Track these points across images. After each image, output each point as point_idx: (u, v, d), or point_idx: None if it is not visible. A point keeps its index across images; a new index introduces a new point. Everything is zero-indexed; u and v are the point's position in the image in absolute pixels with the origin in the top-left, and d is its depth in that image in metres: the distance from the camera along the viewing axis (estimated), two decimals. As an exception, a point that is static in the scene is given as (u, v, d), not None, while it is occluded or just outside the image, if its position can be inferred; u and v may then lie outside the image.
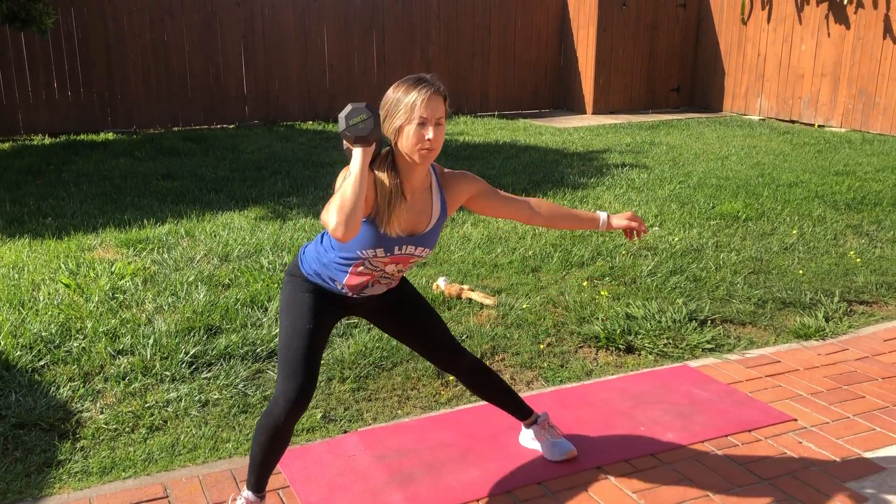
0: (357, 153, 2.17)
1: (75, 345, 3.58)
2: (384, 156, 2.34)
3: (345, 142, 2.23)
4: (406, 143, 2.26)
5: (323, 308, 2.45)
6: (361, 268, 2.39)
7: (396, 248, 2.36)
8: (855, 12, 10.01)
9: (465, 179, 2.51)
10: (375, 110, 2.19)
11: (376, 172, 2.30)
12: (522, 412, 2.87)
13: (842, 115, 10.37)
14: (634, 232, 2.68)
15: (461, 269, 4.65)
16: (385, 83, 10.38)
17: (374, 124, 2.16)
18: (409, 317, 2.65)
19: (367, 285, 2.45)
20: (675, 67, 12.29)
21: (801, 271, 4.75)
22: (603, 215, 2.68)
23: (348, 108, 2.17)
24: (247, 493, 2.47)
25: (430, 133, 2.23)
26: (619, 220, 2.67)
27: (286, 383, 2.34)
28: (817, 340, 3.94)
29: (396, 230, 2.33)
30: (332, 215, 2.12)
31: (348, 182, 2.15)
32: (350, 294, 2.47)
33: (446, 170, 2.51)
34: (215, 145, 8.67)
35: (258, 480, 2.46)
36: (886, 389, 3.41)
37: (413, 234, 2.38)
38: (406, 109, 2.23)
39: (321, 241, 2.47)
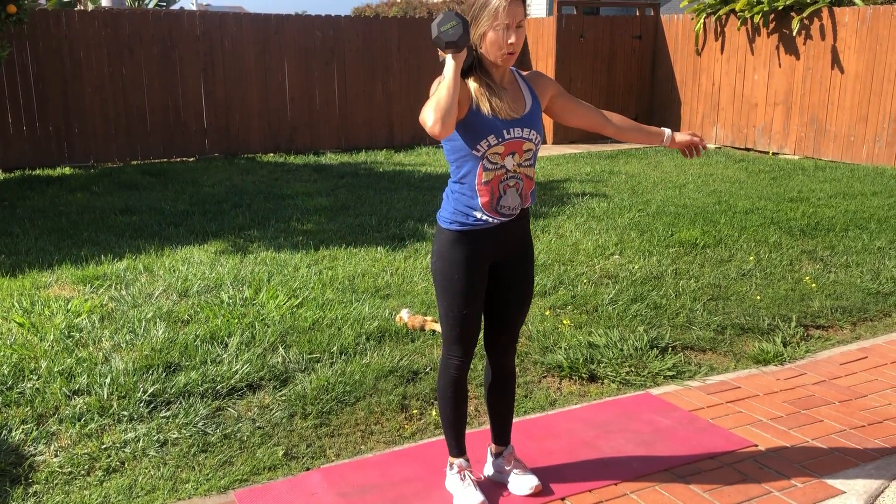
0: (449, 58, 2.36)
1: (29, 386, 3.49)
2: (472, 67, 2.51)
3: (440, 54, 2.42)
4: (490, 48, 2.46)
5: (474, 280, 2.61)
6: (485, 172, 2.52)
7: (505, 131, 2.50)
8: (804, 43, 10.32)
9: (545, 78, 2.72)
10: (464, 18, 2.35)
11: (468, 81, 2.51)
12: (504, 437, 2.90)
13: (795, 142, 10.64)
14: (694, 150, 2.88)
15: (424, 301, 4.64)
16: (347, 115, 10.39)
17: (462, 31, 2.33)
18: (517, 283, 2.73)
19: (500, 194, 2.55)
20: (633, 97, 12.52)
21: (758, 297, 4.83)
22: (667, 132, 2.87)
23: (440, 16, 2.35)
24: (458, 462, 2.76)
25: (512, 37, 2.43)
26: (682, 137, 2.87)
27: (452, 347, 2.66)
28: (776, 365, 3.99)
29: (496, 108, 2.48)
30: (430, 113, 2.33)
31: (443, 84, 2.35)
32: (489, 219, 2.56)
33: (525, 72, 2.70)
34: (175, 179, 8.59)
35: (458, 443, 2.76)
36: (843, 413, 3.46)
37: (515, 117, 2.53)
38: (489, 16, 2.42)
39: (447, 190, 2.64)
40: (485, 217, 2.57)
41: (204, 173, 8.99)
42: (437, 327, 4.18)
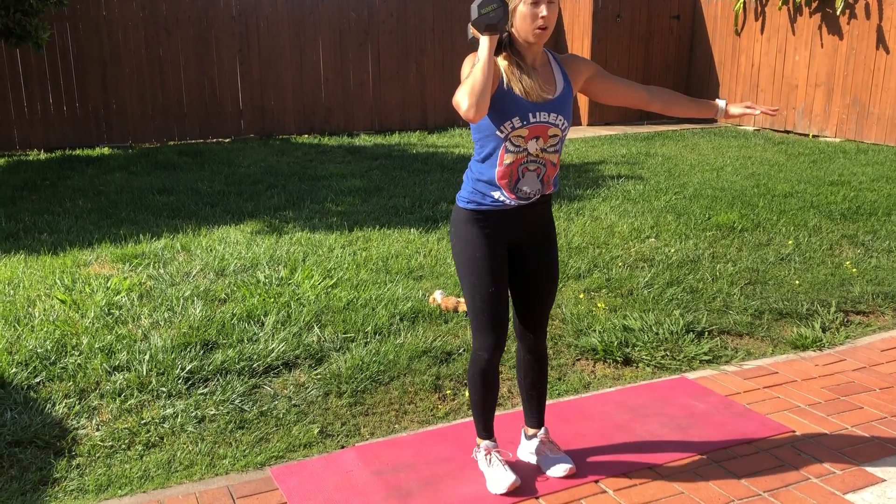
0: (484, 40, 2.34)
1: (71, 361, 3.56)
2: (502, 43, 2.48)
3: (470, 30, 2.42)
4: (521, 24, 2.42)
5: (496, 257, 2.59)
6: (506, 155, 2.49)
7: (531, 115, 2.46)
8: (848, 23, 10.07)
9: (582, 59, 2.66)
10: (504, 1, 2.34)
11: (497, 58, 2.47)
12: (538, 419, 2.90)
13: (836, 125, 10.41)
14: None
15: (457, 283, 4.64)
16: (380, 96, 10.38)
17: (503, 13, 2.32)
18: (537, 270, 2.71)
19: (518, 177, 2.52)
20: (670, 78, 12.33)
21: (797, 282, 4.75)
22: (721, 103, 2.75)
23: None
24: (484, 443, 2.77)
25: (543, 10, 2.40)
26: (737, 109, 2.73)
27: (482, 337, 2.62)
28: (814, 351, 3.93)
29: (525, 89, 2.45)
30: (464, 97, 2.31)
31: (478, 67, 2.33)
32: (508, 201, 2.54)
33: (560, 54, 2.66)
34: (211, 159, 8.67)
35: (485, 426, 2.76)
36: (884, 400, 3.41)
37: (544, 101, 2.48)
38: None
39: (468, 170, 2.62)
40: (503, 198, 2.55)
41: (239, 154, 9.06)
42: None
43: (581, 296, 4.47)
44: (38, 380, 3.42)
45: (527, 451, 2.91)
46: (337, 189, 7.18)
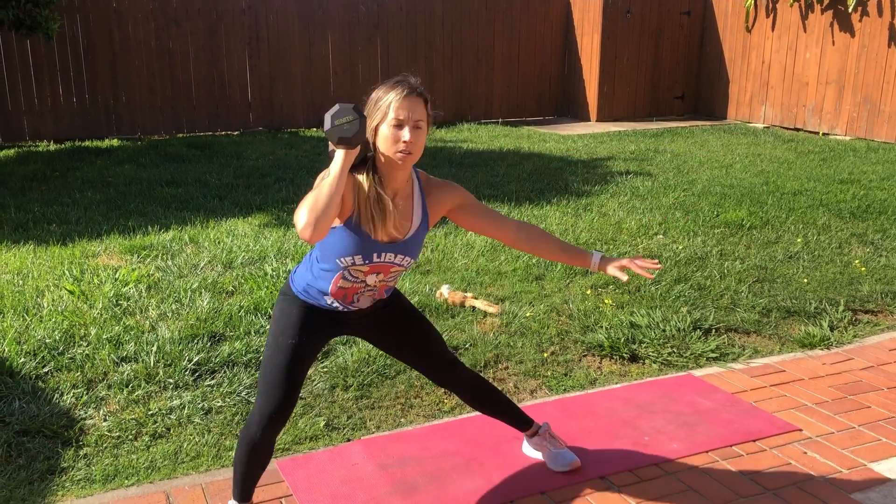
0: (339, 154, 2.12)
1: (79, 352, 3.58)
2: (366, 160, 2.27)
3: (328, 125, 2.15)
4: (383, 144, 2.21)
5: (311, 325, 2.39)
6: (342, 280, 2.33)
7: (375, 255, 2.29)
8: (860, 20, 10.01)
9: (449, 188, 2.44)
10: (362, 112, 2.14)
11: (356, 175, 2.25)
12: (523, 423, 2.86)
13: (846, 122, 10.36)
14: (640, 269, 2.51)
15: (465, 277, 4.64)
16: (389, 90, 10.04)
17: (359, 127, 2.10)
18: (403, 334, 2.60)
19: (352, 300, 2.39)
20: (680, 75, 12.29)
21: (805, 280, 4.74)
22: (596, 257, 2.52)
23: (336, 107, 2.11)
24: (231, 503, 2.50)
25: (406, 135, 2.18)
26: (612, 269, 2.50)
27: (263, 399, 2.31)
28: (822, 350, 3.92)
29: (375, 234, 2.26)
30: (302, 213, 2.06)
31: (325, 182, 2.10)
32: (340, 308, 2.41)
33: (431, 178, 2.44)
34: (219, 152, 8.68)
35: (242, 492, 2.46)
36: (892, 399, 3.39)
37: (393, 241, 2.31)
38: (383, 109, 2.20)
39: (308, 258, 2.44)
40: (336, 304, 2.39)
41: (248, 147, 9.07)
42: (478, 303, 4.18)
43: (588, 292, 4.47)
44: (46, 370, 3.43)
45: (531, 448, 2.91)
46: (345, 183, 7.17)
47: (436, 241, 5.33)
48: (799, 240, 5.49)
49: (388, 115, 2.19)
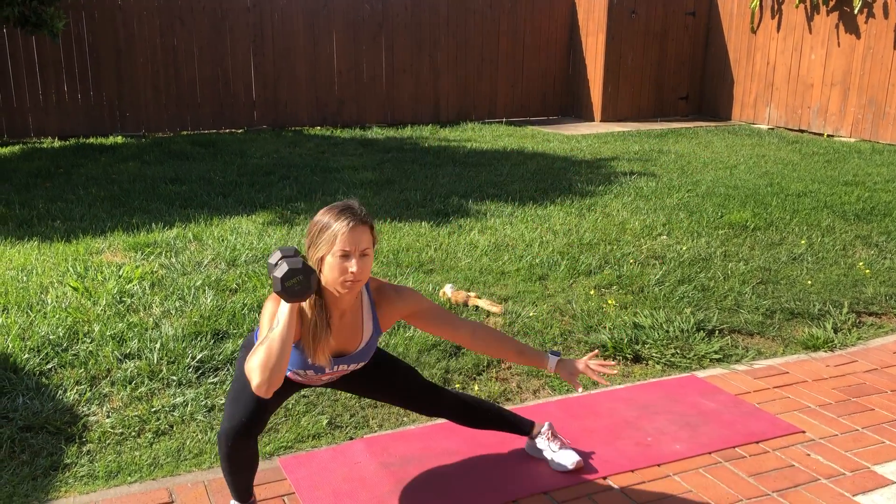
0: (285, 307, 2.10)
1: (83, 348, 3.59)
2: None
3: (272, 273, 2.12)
4: (330, 274, 2.19)
5: (278, 399, 2.41)
6: (296, 377, 2.39)
7: (327, 368, 2.35)
8: (865, 22, 9.99)
9: (400, 299, 2.42)
10: (308, 267, 2.10)
11: (300, 304, 2.22)
12: (521, 429, 2.87)
13: (851, 124, 10.34)
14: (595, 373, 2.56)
15: (468, 277, 4.64)
16: (393, 89, 10.33)
17: (308, 284, 2.08)
18: (375, 380, 2.62)
19: (312, 384, 2.47)
20: (684, 75, 12.28)
21: (809, 282, 4.73)
22: (553, 360, 2.56)
23: (283, 267, 2.05)
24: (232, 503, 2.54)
25: (353, 266, 2.17)
26: (568, 374, 2.54)
27: (228, 423, 2.30)
28: (826, 352, 3.91)
29: (322, 360, 2.29)
30: (255, 371, 2.05)
31: (275, 335, 2.08)
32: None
33: (384, 283, 2.43)
34: (224, 150, 8.69)
35: (238, 493, 2.49)
36: (895, 402, 3.38)
37: (344, 354, 2.36)
38: (328, 241, 2.17)
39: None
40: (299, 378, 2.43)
41: (252, 145, 9.08)
42: (481, 303, 4.18)
43: (592, 292, 4.46)
44: (49, 366, 3.44)
45: (533, 447, 2.91)
46: (349, 181, 7.18)
47: (439, 241, 5.33)
48: (803, 241, 5.48)
49: (335, 246, 2.17)
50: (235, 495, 2.50)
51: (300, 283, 2.06)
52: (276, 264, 2.08)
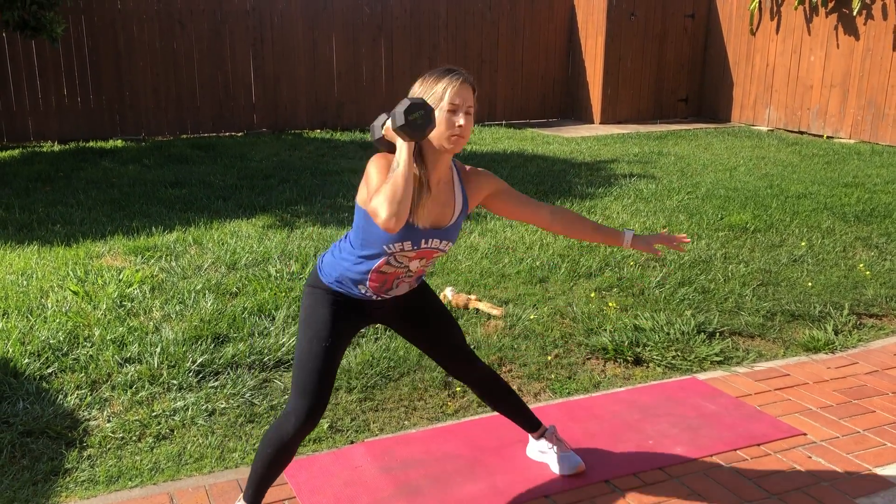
0: (402, 144, 2.19)
1: (83, 352, 3.58)
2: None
3: (376, 132, 2.29)
4: (437, 130, 2.28)
5: (342, 322, 2.44)
6: (386, 265, 2.37)
7: (423, 241, 2.35)
8: (864, 23, 10.00)
9: (485, 176, 2.53)
10: (429, 105, 2.21)
11: None
12: (531, 424, 2.86)
13: (851, 126, 10.35)
14: (671, 244, 2.64)
15: (468, 279, 4.64)
16: (393, 92, 10.31)
17: (430, 118, 2.19)
18: (428, 323, 2.64)
19: (391, 287, 2.44)
20: (684, 77, 12.28)
21: (810, 284, 4.73)
22: (628, 234, 2.62)
23: (405, 103, 2.17)
24: None
25: (461, 120, 2.27)
26: (646, 246, 2.61)
27: (298, 401, 2.36)
28: (827, 354, 3.91)
29: (424, 222, 2.33)
30: (382, 204, 2.13)
31: (398, 173, 2.16)
32: (373, 297, 2.45)
33: (468, 166, 2.53)
34: (223, 153, 8.69)
35: (255, 494, 2.46)
36: (897, 404, 3.38)
37: (438, 227, 2.38)
38: (437, 95, 2.27)
39: (339, 247, 2.47)
40: (369, 294, 2.44)
41: (252, 148, 9.08)
42: (481, 306, 4.18)
43: (592, 295, 4.46)
44: (50, 370, 3.44)
45: (536, 450, 2.91)
46: (349, 184, 7.18)
47: (439, 244, 5.33)
48: (803, 243, 5.48)
49: (444, 100, 2.26)
50: (254, 497, 2.46)
51: (422, 116, 2.16)
52: (398, 104, 2.18)
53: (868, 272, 4.93)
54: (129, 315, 4.03)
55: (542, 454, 2.88)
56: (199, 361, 3.50)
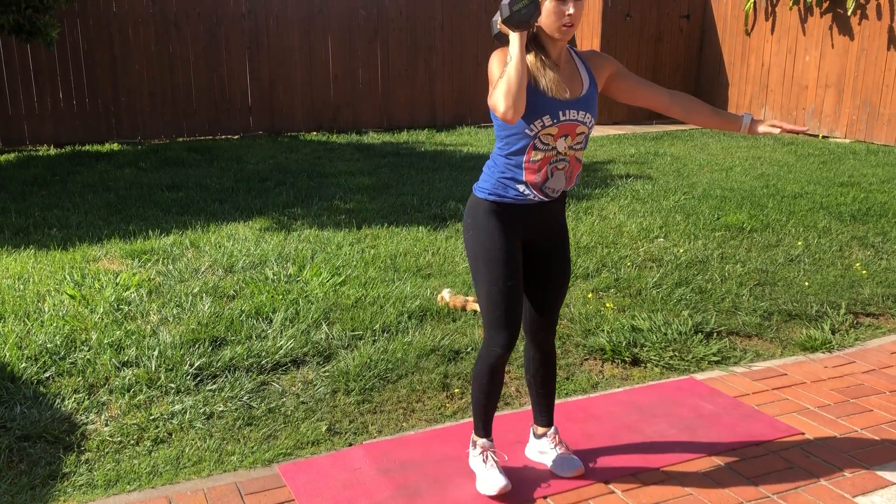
0: (514, 37, 2.33)
1: (80, 356, 3.58)
2: (527, 40, 2.45)
3: (496, 26, 2.44)
4: (547, 20, 2.41)
5: (513, 252, 2.56)
6: (534, 152, 2.47)
7: (561, 112, 2.45)
8: (859, 23, 10.03)
9: (603, 56, 2.63)
10: None
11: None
12: (548, 418, 2.89)
13: (846, 125, 10.37)
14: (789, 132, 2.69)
15: (466, 281, 4.64)
16: (389, 94, 10.31)
17: (535, 9, 2.32)
18: (550, 272, 2.69)
19: (547, 176, 2.51)
20: (679, 78, 12.30)
21: (806, 283, 4.74)
22: (747, 118, 2.65)
23: None
24: (481, 442, 2.74)
25: (570, 8, 2.38)
26: (764, 127, 2.63)
27: (496, 335, 2.58)
28: (824, 353, 3.92)
29: (554, 88, 2.43)
30: (500, 99, 2.30)
31: (511, 66, 2.31)
32: (532, 196, 2.53)
33: (583, 50, 2.63)
34: (220, 156, 8.69)
35: (485, 424, 2.72)
36: (894, 403, 3.39)
37: (573, 98, 2.47)
38: None
39: (489, 163, 2.59)
40: (527, 192, 2.53)
41: (248, 151, 9.08)
42: (479, 308, 4.18)
43: (589, 295, 4.46)
44: (47, 375, 3.43)
45: (535, 451, 2.91)
46: (345, 187, 7.18)
47: (437, 245, 5.33)
48: (800, 243, 5.49)
49: None
50: (485, 429, 2.73)
51: (526, 6, 2.31)
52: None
53: (864, 271, 4.94)
54: (126, 319, 4.02)
55: (542, 454, 2.88)
56: (196, 365, 3.50)
